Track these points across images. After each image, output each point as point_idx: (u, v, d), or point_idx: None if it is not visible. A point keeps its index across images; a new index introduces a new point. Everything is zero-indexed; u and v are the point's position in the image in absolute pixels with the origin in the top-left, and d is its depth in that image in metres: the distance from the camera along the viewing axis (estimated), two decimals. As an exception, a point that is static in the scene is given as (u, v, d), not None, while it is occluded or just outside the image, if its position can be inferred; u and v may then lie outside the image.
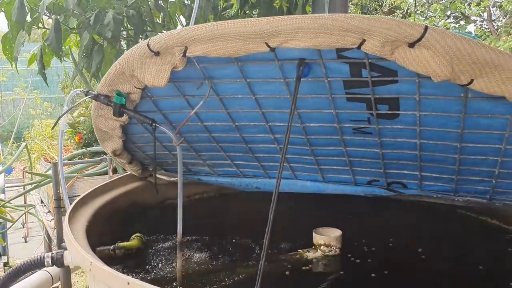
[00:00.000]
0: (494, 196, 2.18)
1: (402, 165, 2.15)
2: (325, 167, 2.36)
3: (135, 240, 2.27)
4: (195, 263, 2.15)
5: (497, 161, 1.90)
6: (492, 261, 2.09)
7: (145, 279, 1.97)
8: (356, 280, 1.99)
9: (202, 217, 2.76)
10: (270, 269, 2.09)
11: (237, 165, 2.49)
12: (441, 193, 2.28)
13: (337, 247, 2.21)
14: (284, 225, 2.59)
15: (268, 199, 2.78)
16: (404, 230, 2.51)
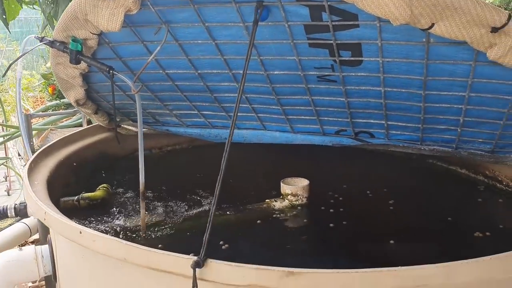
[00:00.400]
0: (460, 145, 2.17)
1: (368, 114, 2.13)
2: (293, 117, 2.33)
3: (100, 190, 2.25)
4: (161, 213, 2.14)
5: (461, 109, 1.88)
6: (460, 212, 2.11)
7: (108, 229, 1.96)
8: (320, 228, 2.01)
9: (173, 169, 2.74)
10: (236, 219, 2.10)
11: (205, 115, 2.45)
12: (408, 142, 2.27)
13: (304, 196, 2.21)
14: (253, 176, 2.60)
15: (240, 150, 2.79)
16: (372, 180, 2.51)
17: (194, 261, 1.21)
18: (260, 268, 1.19)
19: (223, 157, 1.35)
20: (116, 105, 2.47)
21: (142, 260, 1.30)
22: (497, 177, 2.46)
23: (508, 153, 2.13)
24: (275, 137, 2.49)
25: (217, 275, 1.22)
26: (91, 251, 1.42)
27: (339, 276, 1.18)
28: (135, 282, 1.39)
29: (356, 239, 1.89)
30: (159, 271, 1.29)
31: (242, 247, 1.86)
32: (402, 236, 1.89)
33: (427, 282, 1.20)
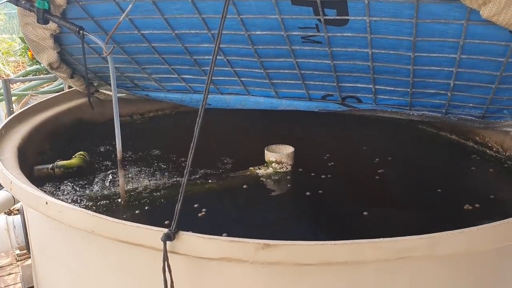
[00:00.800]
0: (449, 110, 2.10)
1: (355, 78, 2.03)
2: (277, 82, 2.23)
3: (76, 158, 2.16)
4: (141, 182, 2.06)
5: (452, 73, 1.80)
6: (449, 181, 2.03)
7: (84, 199, 1.88)
8: (304, 197, 1.94)
9: (155, 135, 2.65)
10: (218, 187, 2.03)
11: (185, 79, 2.34)
12: (396, 107, 2.18)
13: (288, 164, 2.14)
14: (236, 143, 2.52)
15: (222, 117, 2.71)
16: (360, 147, 2.44)
17: (164, 234, 1.14)
18: (234, 240, 1.12)
19: (197, 123, 1.25)
20: (91, 68, 2.36)
21: (110, 233, 1.22)
22: (487, 143, 2.40)
23: (498, 118, 2.05)
24: (259, 102, 2.39)
25: (189, 248, 1.15)
26: (59, 223, 1.34)
27: (318, 249, 1.11)
28: (105, 255, 1.32)
29: (339, 208, 1.83)
30: (129, 244, 1.21)
31: (222, 216, 1.79)
32: (387, 207, 1.84)
33: (410, 254, 1.14)
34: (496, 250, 1.25)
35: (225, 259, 1.13)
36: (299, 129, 2.56)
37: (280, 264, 1.13)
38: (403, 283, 1.22)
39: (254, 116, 2.57)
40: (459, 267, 1.25)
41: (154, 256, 1.17)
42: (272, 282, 1.18)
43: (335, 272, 1.16)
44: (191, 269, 1.20)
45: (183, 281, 1.21)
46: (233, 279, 1.19)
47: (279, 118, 2.55)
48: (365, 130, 2.58)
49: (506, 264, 1.33)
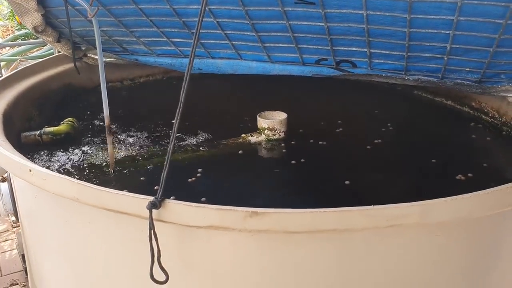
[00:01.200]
0: (445, 75, 2.04)
1: (350, 41, 1.97)
2: (269, 45, 2.16)
3: (65, 124, 2.11)
4: (131, 149, 2.02)
5: (448, 35, 1.74)
6: (443, 149, 2.00)
7: (72, 166, 1.85)
8: (296, 165, 1.91)
9: (146, 101, 2.60)
10: (209, 154, 1.99)
11: (175, 43, 2.27)
12: (392, 71, 2.13)
13: (281, 131, 2.10)
14: (228, 109, 2.47)
15: (214, 82, 2.65)
16: (354, 113, 2.41)
17: (150, 202, 1.11)
18: (221, 208, 1.09)
19: (182, 88, 1.20)
20: (78, 32, 2.29)
21: (95, 201, 1.19)
22: (483, 108, 2.36)
23: (495, 83, 2.01)
24: (251, 67, 2.33)
25: (175, 216, 1.12)
26: (43, 191, 1.31)
27: (306, 216, 1.08)
28: (92, 223, 1.30)
29: (332, 177, 1.80)
30: (115, 212, 1.19)
31: (212, 184, 1.76)
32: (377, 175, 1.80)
33: (401, 221, 1.12)
34: (488, 217, 1.23)
35: (212, 227, 1.11)
36: (293, 95, 2.51)
37: (269, 232, 1.11)
38: (393, 251, 1.20)
39: (246, 81, 2.51)
40: (451, 234, 1.23)
41: (141, 224, 1.15)
42: (261, 249, 1.16)
43: (324, 240, 1.14)
44: (179, 237, 1.18)
45: (171, 249, 1.19)
46: (221, 247, 1.17)
47: (272, 84, 2.50)
48: (360, 95, 2.54)
49: (499, 231, 1.31)
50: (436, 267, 1.27)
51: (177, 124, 1.19)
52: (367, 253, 1.18)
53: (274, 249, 1.16)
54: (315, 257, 1.16)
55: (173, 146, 1.16)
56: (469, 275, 1.36)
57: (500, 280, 1.44)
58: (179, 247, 1.19)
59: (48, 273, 1.64)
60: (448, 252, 1.27)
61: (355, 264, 1.20)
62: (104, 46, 2.42)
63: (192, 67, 1.21)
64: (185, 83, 1.22)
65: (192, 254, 1.20)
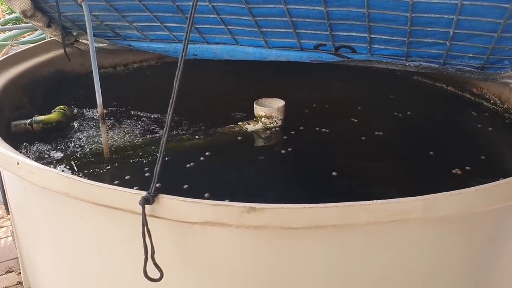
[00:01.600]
0: (447, 61, 1.99)
1: (349, 26, 1.91)
2: (266, 30, 2.10)
3: (56, 113, 2.06)
4: (126, 137, 1.97)
5: (452, 20, 1.68)
6: (441, 138, 1.95)
7: (64, 156, 1.80)
8: (296, 154, 1.86)
9: (140, 88, 2.54)
10: (205, 143, 1.94)
11: (168, 28, 2.20)
12: (392, 57, 2.07)
13: (279, 118, 2.05)
14: (224, 96, 2.41)
15: (210, 68, 2.58)
16: (353, 100, 2.35)
17: (142, 197, 1.06)
18: (218, 204, 1.05)
19: (176, 77, 1.15)
20: (69, 17, 2.22)
21: (86, 195, 1.14)
22: (485, 95, 2.32)
23: (499, 69, 1.96)
24: (247, 53, 2.27)
25: (169, 212, 1.08)
26: (32, 184, 1.26)
27: (306, 212, 1.04)
28: (83, 218, 1.25)
29: (330, 165, 1.75)
30: (106, 207, 1.14)
31: (208, 175, 1.72)
32: (376, 163, 1.77)
33: (404, 216, 1.07)
34: (492, 211, 1.19)
35: (208, 223, 1.06)
36: (291, 81, 2.45)
37: (267, 228, 1.06)
38: (395, 246, 1.16)
39: (243, 67, 2.45)
40: (456, 228, 1.19)
41: (134, 219, 1.10)
42: (259, 245, 1.12)
43: (324, 236, 1.10)
44: (174, 233, 1.13)
45: (166, 245, 1.15)
46: (218, 243, 1.13)
47: (269, 70, 2.44)
48: (359, 81, 2.48)
49: (503, 223, 1.28)
50: (439, 261, 1.24)
51: (170, 116, 1.13)
52: (369, 248, 1.14)
53: (272, 245, 1.11)
54: (314, 252, 1.12)
55: (166, 139, 1.11)
56: (472, 267, 1.32)
57: (502, 271, 1.41)
58: (175, 243, 1.15)
59: (40, 265, 1.60)
60: (451, 246, 1.23)
61: (356, 259, 1.16)
62: (95, 31, 2.36)
63: (185, 55, 1.15)
64: (178, 72, 1.16)
65: (188, 250, 1.16)
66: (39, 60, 2.37)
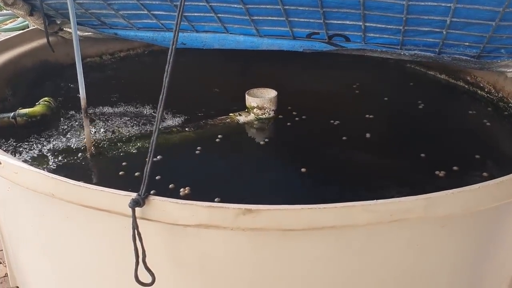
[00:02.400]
0: (443, 49, 1.95)
1: (343, 15, 1.85)
2: (258, 18, 2.03)
3: (40, 105, 1.98)
4: (112, 131, 1.91)
5: (449, 8, 1.63)
6: (434, 137, 1.89)
7: (48, 151, 1.73)
8: (289, 147, 1.82)
9: (127, 78, 2.46)
10: (195, 135, 1.89)
11: (156, 16, 2.12)
12: (387, 46, 2.03)
13: (271, 109, 2.00)
14: (215, 86, 2.35)
15: (200, 57, 2.51)
16: (346, 88, 2.31)
17: (132, 199, 1.01)
18: (212, 205, 1.00)
19: (166, 71, 1.09)
20: (52, 4, 2.14)
21: (72, 197, 1.09)
22: (479, 83, 2.28)
23: (495, 58, 1.92)
24: (238, 41, 2.20)
25: (161, 214, 1.03)
26: (16, 184, 1.20)
27: (305, 213, 1.00)
28: (71, 219, 1.20)
29: (324, 158, 1.71)
30: (95, 209, 1.09)
31: (199, 169, 1.66)
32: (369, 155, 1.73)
33: (406, 216, 1.04)
34: (494, 208, 1.15)
35: (202, 225, 1.02)
36: (283, 71, 2.39)
37: (263, 230, 1.02)
38: (394, 245, 1.13)
39: (234, 56, 2.39)
40: (457, 225, 1.16)
41: (124, 221, 1.05)
42: (255, 247, 1.08)
43: (323, 237, 1.06)
44: (166, 236, 1.09)
45: (158, 248, 1.10)
46: (213, 246, 1.08)
47: (261, 59, 2.38)
48: (352, 70, 2.43)
49: (502, 222, 1.25)
50: (440, 258, 1.21)
51: (160, 113, 1.07)
52: (368, 248, 1.11)
53: (269, 247, 1.07)
54: (313, 254, 1.08)
55: (157, 137, 1.05)
56: (472, 263, 1.30)
57: (500, 265, 1.39)
58: (167, 246, 1.10)
59: (26, 265, 1.55)
60: (453, 243, 1.20)
61: (355, 259, 1.13)
62: (80, 19, 2.28)
63: (175, 47, 1.09)
64: (168, 66, 1.11)
65: (181, 253, 1.11)
66: (22, 50, 2.29)
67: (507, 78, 2.08)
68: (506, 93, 2.12)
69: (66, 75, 2.36)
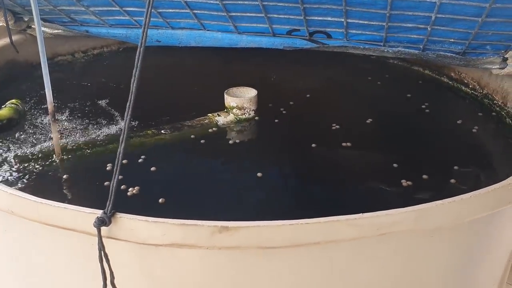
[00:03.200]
0: (427, 46, 1.89)
1: (325, 11, 1.78)
2: (236, 15, 1.95)
3: (6, 108, 1.88)
4: (82, 134, 1.80)
5: (434, 4, 1.57)
6: (411, 141, 1.82)
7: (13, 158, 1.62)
8: (270, 150, 1.74)
9: (100, 77, 2.35)
10: (172, 138, 1.79)
11: (128, 12, 2.02)
12: (370, 43, 1.96)
13: (251, 109, 1.92)
14: (191, 86, 2.26)
15: (175, 56, 2.41)
16: (328, 87, 2.23)
17: (97, 218, 0.92)
18: (185, 223, 0.92)
19: (134, 75, 1.00)
20: (18, 0, 2.02)
21: (33, 215, 1.00)
22: (463, 79, 2.23)
23: (480, 55, 1.87)
24: (216, 38, 2.11)
25: (130, 233, 0.94)
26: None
27: (286, 229, 0.92)
28: (34, 236, 1.10)
29: (304, 160, 1.64)
30: (57, 227, 0.99)
31: (175, 175, 1.57)
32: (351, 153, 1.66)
33: (394, 229, 0.97)
34: (483, 218, 1.09)
35: (175, 245, 0.93)
36: (262, 69, 2.31)
37: (242, 248, 0.94)
38: (381, 257, 1.06)
39: (211, 54, 2.30)
40: (443, 235, 1.09)
41: (91, 239, 0.96)
42: (234, 266, 1.00)
43: (306, 253, 0.99)
44: (137, 255, 1.00)
45: (129, 268, 1.01)
46: (188, 265, 1.00)
47: (239, 57, 2.29)
48: (333, 67, 2.37)
49: (490, 229, 1.19)
50: (427, 268, 1.15)
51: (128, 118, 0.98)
52: (353, 262, 1.04)
53: (249, 266, 0.99)
54: (295, 271, 1.01)
55: (124, 148, 0.96)
56: (459, 271, 1.24)
57: (487, 275, 1.35)
58: (138, 266, 1.02)
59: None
60: (441, 251, 1.14)
61: (340, 274, 1.06)
62: (49, 16, 2.16)
63: (145, 43, 1.01)
64: (137, 63, 1.02)
65: (154, 272, 1.03)
66: (-13, 49, 2.17)
67: (491, 74, 2.03)
68: (491, 90, 2.08)
69: (36, 75, 2.24)
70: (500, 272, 1.41)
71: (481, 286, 1.34)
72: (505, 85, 1.98)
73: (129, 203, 1.33)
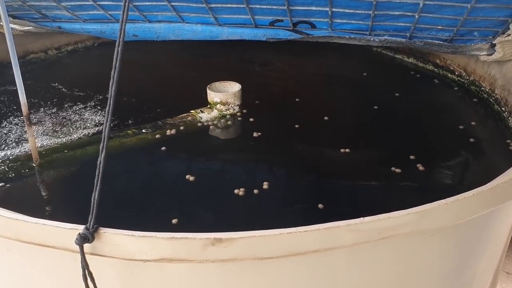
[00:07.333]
0: (414, 34, 1.85)
1: (309, 0, 1.71)
2: (216, 6, 1.87)
3: (-24, 112, 1.77)
4: (60, 136, 1.72)
5: (423, -9, 1.52)
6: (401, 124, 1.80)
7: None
8: (256, 147, 1.68)
9: (75, 74, 2.26)
10: (152, 137, 1.72)
11: (103, 6, 1.92)
12: (355, 32, 1.91)
13: (235, 104, 1.86)
14: (173, 81, 2.18)
15: (154, 50, 2.32)
16: (313, 79, 2.19)
17: (79, 235, 0.84)
18: (174, 237, 0.85)
19: (112, 77, 0.92)
20: (-17, -3, 1.89)
21: (9, 233, 0.92)
22: (449, 66, 2.20)
23: (468, 41, 1.83)
24: (196, 31, 2.03)
25: (115, 249, 0.87)
26: None
27: (283, 238, 0.86)
28: (11, 254, 1.02)
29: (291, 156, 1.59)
30: (36, 245, 0.92)
31: (157, 178, 1.50)
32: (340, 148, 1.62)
33: (395, 232, 0.92)
34: (485, 215, 1.06)
35: (165, 259, 0.87)
36: (245, 61, 2.24)
37: (237, 260, 0.88)
38: (382, 260, 1.01)
39: (191, 48, 2.21)
40: (444, 234, 1.05)
41: (73, 258, 0.89)
42: (228, 279, 0.94)
43: (305, 261, 0.93)
44: (123, 272, 0.93)
45: (116, 286, 0.94)
46: (179, 280, 0.94)
47: (221, 50, 2.22)
48: (317, 55, 2.32)
49: (490, 226, 1.16)
50: (427, 267, 1.11)
51: (108, 122, 0.90)
52: (353, 266, 0.99)
53: (245, 278, 0.94)
54: (294, 281, 0.96)
55: (105, 156, 0.89)
56: (459, 269, 1.21)
57: (485, 267, 1.32)
58: (126, 282, 0.95)
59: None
60: (441, 250, 1.10)
61: (339, 279, 1.01)
62: (18, 13, 2.05)
63: (123, 40, 0.93)
64: (116, 62, 0.94)
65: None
66: (-46, 48, 2.04)
67: (478, 61, 1.99)
68: (478, 76, 2.05)
69: (8, 74, 2.13)
70: (496, 262, 1.39)
71: (479, 277, 1.31)
72: (492, 71, 1.95)
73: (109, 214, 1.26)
